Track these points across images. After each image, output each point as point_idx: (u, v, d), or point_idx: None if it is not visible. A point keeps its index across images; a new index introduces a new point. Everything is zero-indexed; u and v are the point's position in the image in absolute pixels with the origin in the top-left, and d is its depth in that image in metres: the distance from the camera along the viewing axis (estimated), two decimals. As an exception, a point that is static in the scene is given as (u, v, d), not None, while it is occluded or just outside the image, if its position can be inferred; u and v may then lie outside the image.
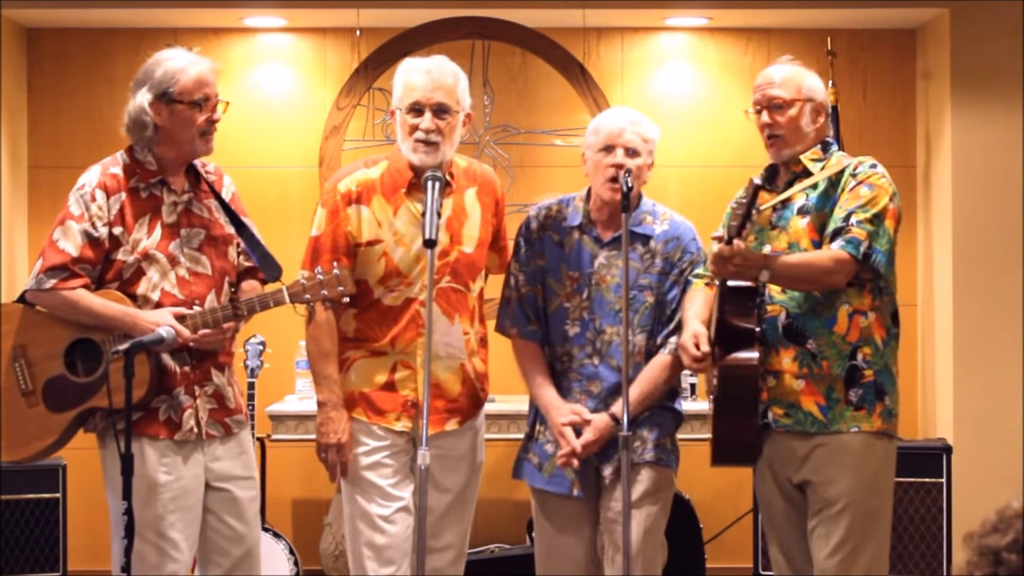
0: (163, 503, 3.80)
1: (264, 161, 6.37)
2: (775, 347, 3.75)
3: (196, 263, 3.87)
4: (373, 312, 3.98)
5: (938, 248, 6.25)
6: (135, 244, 3.81)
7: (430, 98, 3.90)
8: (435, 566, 4.03)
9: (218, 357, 3.90)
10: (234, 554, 3.91)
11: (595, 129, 4.08)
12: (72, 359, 3.83)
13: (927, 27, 6.36)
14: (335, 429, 3.95)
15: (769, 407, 3.77)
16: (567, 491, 4.03)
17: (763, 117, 3.84)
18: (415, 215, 3.95)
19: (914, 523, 5.67)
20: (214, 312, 3.80)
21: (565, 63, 6.36)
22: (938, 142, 6.24)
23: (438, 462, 3.98)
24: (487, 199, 4.09)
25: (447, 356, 3.99)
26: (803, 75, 3.87)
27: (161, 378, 3.80)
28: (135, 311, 3.77)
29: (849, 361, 3.74)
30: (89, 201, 3.80)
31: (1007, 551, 1.87)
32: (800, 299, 3.73)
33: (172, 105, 3.81)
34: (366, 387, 3.99)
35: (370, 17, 6.30)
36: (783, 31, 6.50)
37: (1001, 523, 1.90)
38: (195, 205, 3.91)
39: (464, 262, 4.01)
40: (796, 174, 3.82)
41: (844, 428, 3.73)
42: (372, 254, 3.95)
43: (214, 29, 6.44)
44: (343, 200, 3.97)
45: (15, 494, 5.46)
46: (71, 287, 3.77)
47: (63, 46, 6.44)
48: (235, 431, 3.94)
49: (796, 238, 3.76)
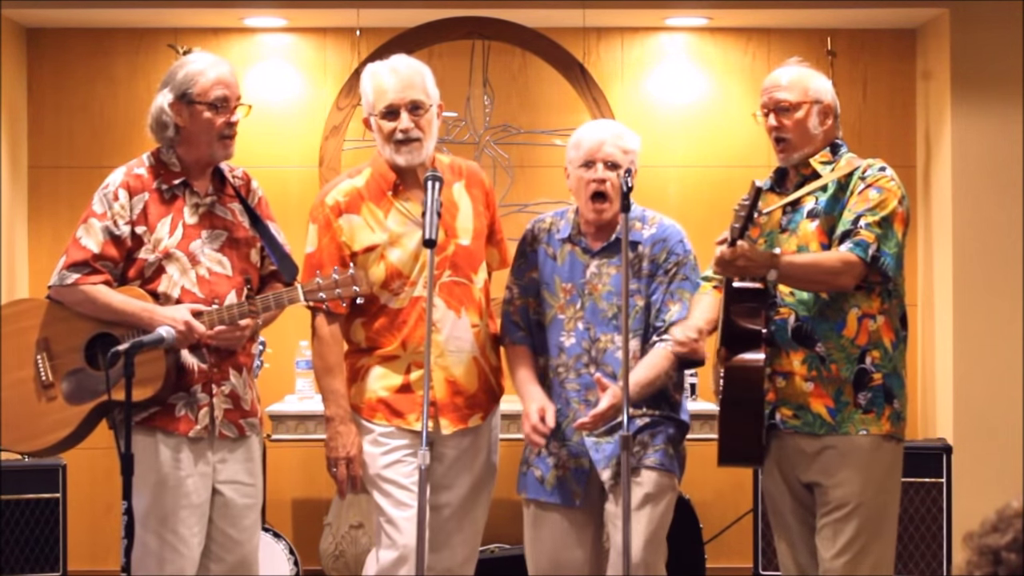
0: (175, 498, 3.83)
1: (264, 161, 6.36)
2: (784, 349, 3.75)
3: (217, 263, 3.91)
4: (381, 318, 3.99)
5: (938, 248, 6.25)
6: (157, 243, 3.87)
7: (403, 98, 3.93)
8: (447, 565, 4.04)
9: (237, 357, 3.93)
10: (227, 560, 3.93)
11: (576, 144, 4.10)
12: (93, 353, 3.88)
13: (927, 27, 6.37)
14: (343, 443, 3.95)
15: (777, 408, 3.77)
16: (570, 502, 4.04)
17: (770, 120, 3.83)
18: (406, 215, 3.98)
19: (914, 523, 5.67)
20: (230, 309, 3.84)
21: (565, 63, 6.36)
22: (938, 142, 6.24)
23: (455, 460, 4.01)
24: (476, 191, 4.11)
25: (458, 351, 4.00)
26: (810, 77, 3.86)
27: (180, 375, 3.85)
28: (154, 307, 3.82)
29: (858, 364, 3.74)
30: (112, 200, 3.87)
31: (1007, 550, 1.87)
32: (810, 302, 3.73)
33: (192, 106, 3.88)
34: (383, 392, 4.00)
35: (370, 17, 6.31)
36: (783, 31, 6.50)
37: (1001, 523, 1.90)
38: (218, 208, 3.96)
39: (462, 254, 4.02)
40: (806, 177, 3.82)
41: (853, 431, 3.73)
42: (370, 260, 3.97)
43: (214, 29, 6.44)
44: (332, 212, 3.99)
45: (15, 494, 5.46)
46: (92, 283, 3.85)
47: (63, 46, 6.44)
48: (248, 434, 3.96)
49: (805, 241, 3.77)
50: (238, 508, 3.93)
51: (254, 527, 3.99)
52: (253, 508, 3.98)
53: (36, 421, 3.89)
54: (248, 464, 3.96)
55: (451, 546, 4.04)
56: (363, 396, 4.01)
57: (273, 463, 6.12)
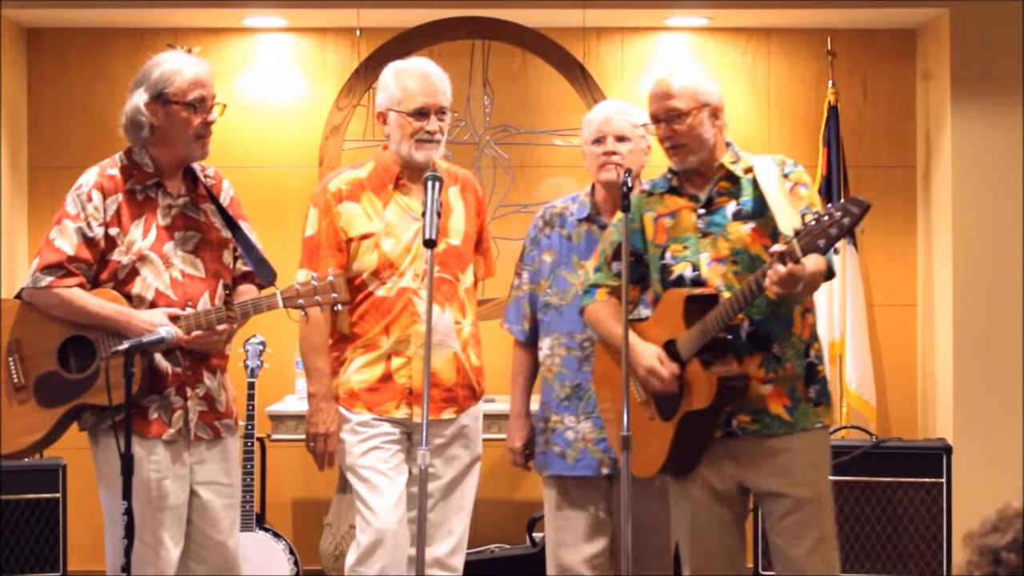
0: (150, 501, 3.83)
1: (264, 161, 6.36)
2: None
3: (190, 265, 3.91)
4: (367, 305, 4.12)
5: (938, 248, 6.25)
6: (130, 245, 3.86)
7: (436, 102, 4.10)
8: (435, 556, 4.11)
9: (211, 360, 3.93)
10: (209, 561, 3.95)
11: (587, 123, 4.32)
12: (66, 356, 3.86)
13: (927, 27, 6.36)
14: (323, 419, 4.10)
15: (734, 415, 3.76)
16: (595, 472, 4.17)
17: (664, 129, 3.82)
18: (404, 208, 4.13)
19: (914, 523, 5.67)
20: (208, 314, 3.83)
21: (565, 63, 6.36)
22: (938, 142, 6.24)
23: (434, 451, 4.10)
24: (470, 197, 4.27)
25: (440, 344, 4.09)
26: (698, 81, 3.87)
27: (153, 378, 3.84)
28: (130, 311, 3.80)
29: (805, 359, 3.80)
30: (85, 201, 3.85)
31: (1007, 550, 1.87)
32: (761, 305, 3.72)
33: (168, 106, 3.85)
34: (365, 383, 4.12)
35: (370, 17, 6.31)
36: (783, 31, 6.50)
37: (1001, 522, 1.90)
38: (191, 208, 3.95)
39: (451, 253, 4.16)
40: (720, 178, 3.82)
41: (808, 426, 3.78)
42: (364, 247, 4.10)
43: (214, 29, 6.44)
44: (334, 198, 4.13)
45: (15, 494, 5.46)
46: (66, 285, 3.82)
47: (63, 46, 6.43)
48: (223, 435, 3.97)
49: (742, 244, 3.76)
50: (217, 509, 3.95)
51: (233, 527, 4.01)
52: (232, 508, 4.00)
53: (8, 424, 3.87)
54: (225, 464, 3.98)
55: (435, 539, 4.13)
56: (344, 386, 4.13)
57: (273, 463, 6.12)
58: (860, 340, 6.21)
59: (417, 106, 4.08)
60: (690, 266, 3.78)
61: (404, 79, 4.11)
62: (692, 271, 3.78)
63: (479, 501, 4.28)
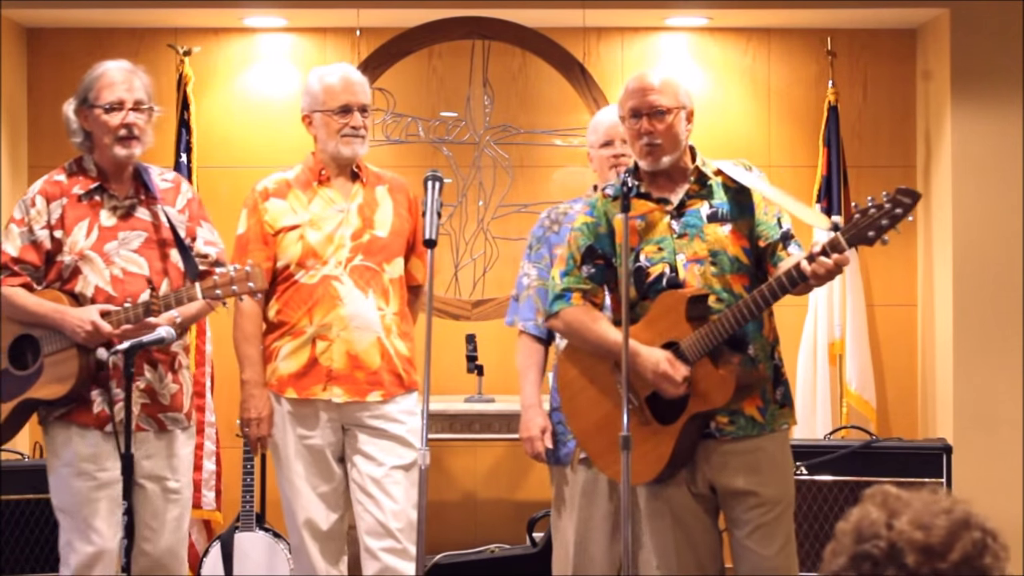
0: (87, 489, 4.02)
1: (264, 161, 6.35)
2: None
3: (133, 263, 4.11)
4: (291, 292, 4.32)
5: (938, 248, 6.25)
6: (73, 245, 4.08)
7: (358, 100, 4.36)
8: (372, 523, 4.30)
9: (152, 353, 4.09)
10: (149, 552, 4.10)
11: (593, 128, 4.45)
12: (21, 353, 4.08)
13: (927, 27, 6.36)
14: (255, 405, 4.32)
15: (712, 416, 3.76)
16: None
17: (643, 124, 3.77)
18: (327, 201, 4.37)
19: (914, 523, 5.66)
20: (135, 308, 4.01)
21: (565, 63, 6.36)
22: (938, 142, 6.24)
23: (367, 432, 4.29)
24: (399, 195, 4.48)
25: (362, 327, 4.30)
26: (679, 82, 3.86)
27: (99, 371, 4.02)
28: (65, 308, 4.02)
29: (772, 361, 3.81)
30: (29, 207, 4.11)
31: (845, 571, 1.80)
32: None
33: (91, 110, 4.11)
34: (293, 369, 4.32)
35: (370, 17, 6.31)
36: (783, 31, 6.50)
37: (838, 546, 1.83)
38: (139, 210, 4.16)
39: (376, 244, 4.37)
40: (693, 180, 3.81)
41: (776, 427, 3.81)
42: (290, 239, 4.33)
43: (214, 29, 6.44)
44: (260, 197, 4.40)
45: (15, 494, 5.46)
46: (11, 284, 4.06)
47: (63, 46, 6.43)
48: (170, 428, 4.14)
49: (721, 246, 3.75)
50: (159, 502, 4.10)
51: (177, 521, 4.15)
52: (177, 503, 4.14)
53: None
54: (171, 460, 4.14)
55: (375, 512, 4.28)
56: (275, 373, 4.34)
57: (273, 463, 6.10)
58: (860, 340, 6.21)
59: (341, 103, 4.33)
60: (667, 267, 3.76)
61: (326, 80, 4.38)
62: (670, 272, 3.76)
63: (479, 501, 4.28)
